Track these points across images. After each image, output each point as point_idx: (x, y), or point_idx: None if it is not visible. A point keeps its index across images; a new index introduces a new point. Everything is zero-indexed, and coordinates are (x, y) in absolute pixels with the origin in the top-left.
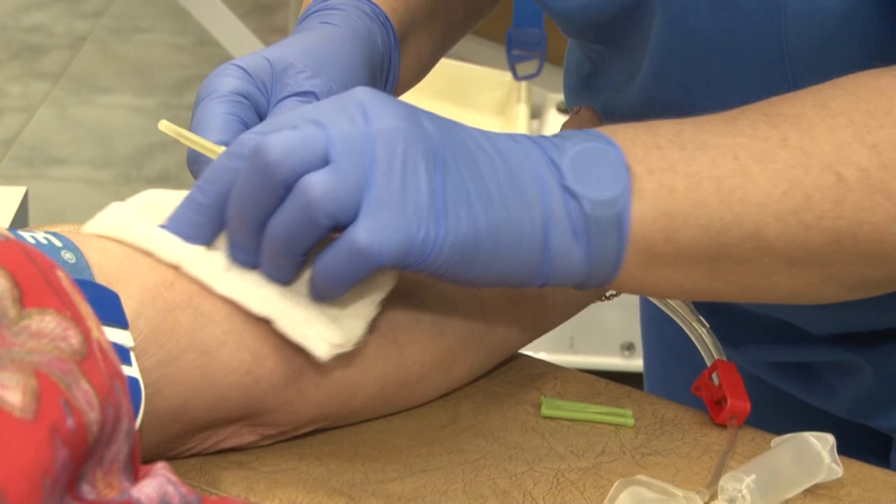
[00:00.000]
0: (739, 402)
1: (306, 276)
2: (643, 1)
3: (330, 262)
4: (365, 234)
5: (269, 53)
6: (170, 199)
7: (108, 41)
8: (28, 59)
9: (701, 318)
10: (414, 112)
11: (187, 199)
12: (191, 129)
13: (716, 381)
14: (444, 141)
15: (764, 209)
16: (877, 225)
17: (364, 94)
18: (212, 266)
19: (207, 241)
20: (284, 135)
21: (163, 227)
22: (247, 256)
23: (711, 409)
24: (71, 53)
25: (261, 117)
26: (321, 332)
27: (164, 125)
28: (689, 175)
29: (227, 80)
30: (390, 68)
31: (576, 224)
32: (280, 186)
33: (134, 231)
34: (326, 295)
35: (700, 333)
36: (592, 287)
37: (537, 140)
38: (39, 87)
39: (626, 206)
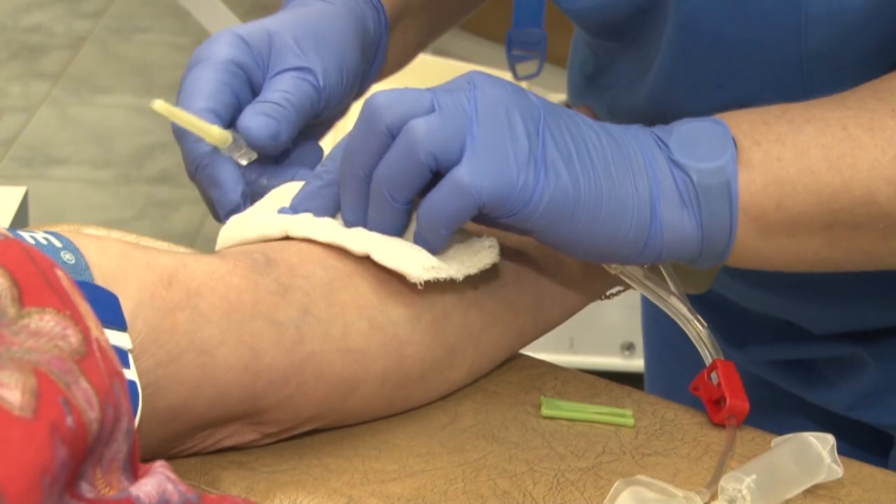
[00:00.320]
0: (738, 402)
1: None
2: (657, 1)
3: (434, 199)
4: (467, 172)
5: (269, 24)
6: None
7: (108, 41)
8: (28, 59)
9: (699, 317)
10: (520, 88)
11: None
12: (180, 93)
13: (714, 380)
14: (549, 111)
15: (874, 174)
16: None
17: (473, 73)
18: (314, 224)
19: (331, 212)
20: (391, 90)
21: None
22: (355, 214)
23: (710, 409)
24: (71, 53)
25: (254, 88)
26: (416, 256)
27: (159, 104)
28: (796, 144)
29: (224, 48)
30: (377, 53)
31: (684, 193)
32: (386, 134)
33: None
34: (430, 236)
35: (698, 333)
36: (710, 262)
37: (643, 125)
38: (39, 87)
39: (734, 174)
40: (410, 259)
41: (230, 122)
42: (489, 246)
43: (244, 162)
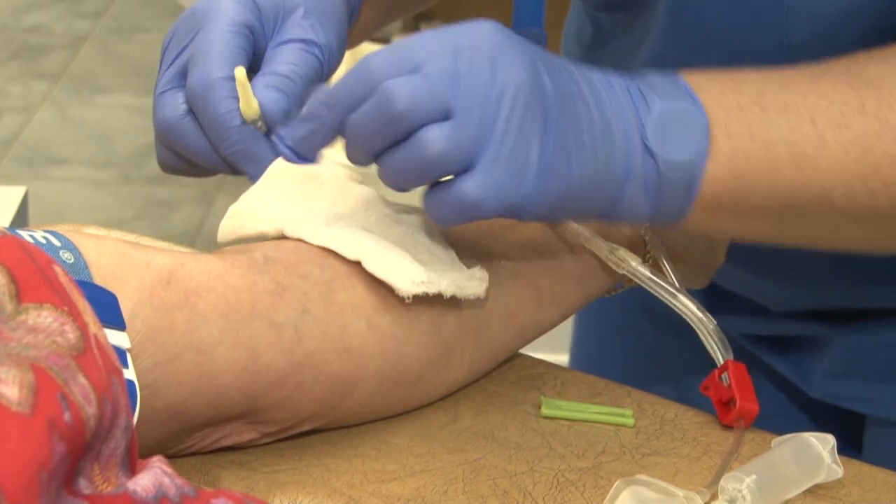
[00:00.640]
0: (748, 404)
1: (398, 227)
2: None
3: (436, 207)
4: (478, 189)
5: None
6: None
7: (108, 41)
8: (28, 59)
9: (709, 315)
10: (534, 59)
11: (308, 114)
12: (191, 49)
13: (725, 381)
14: (557, 95)
15: (833, 174)
16: None
17: (492, 35)
18: (309, 224)
19: (317, 155)
20: (412, 84)
21: (281, 132)
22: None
23: (719, 410)
24: (71, 53)
25: (257, 53)
26: (407, 268)
27: (239, 72)
28: (765, 140)
29: (235, 7)
30: (349, 24)
31: (649, 182)
32: (402, 131)
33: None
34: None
35: (709, 331)
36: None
37: (629, 87)
38: (39, 87)
39: (700, 170)
40: (401, 271)
41: None
42: (479, 278)
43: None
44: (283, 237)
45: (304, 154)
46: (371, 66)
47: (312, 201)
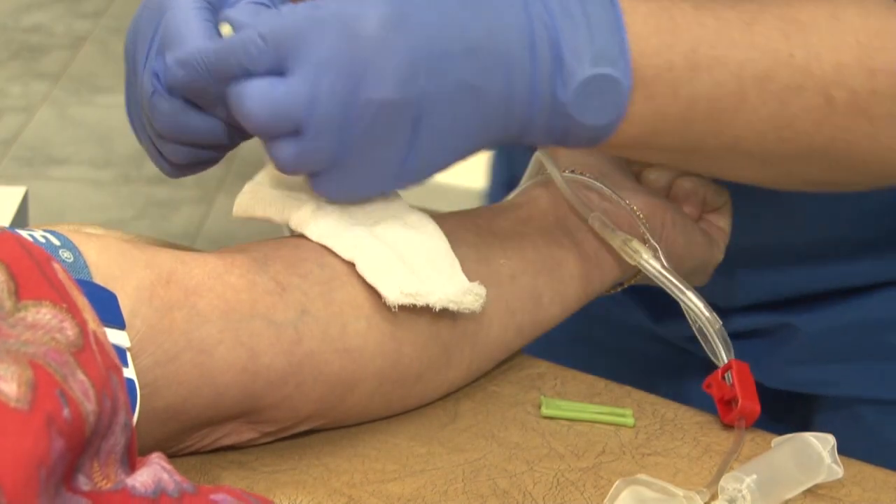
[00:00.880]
0: (750, 404)
1: (403, 231)
2: None
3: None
4: (329, 187)
5: None
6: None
7: (108, 41)
8: (28, 59)
9: (715, 315)
10: (414, 60)
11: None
12: (160, 37)
13: (728, 380)
14: (431, 99)
15: (747, 127)
16: (852, 142)
17: (375, 31)
18: (302, 217)
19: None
20: (266, 97)
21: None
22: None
23: (721, 409)
24: (71, 53)
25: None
26: (397, 276)
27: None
28: (687, 100)
29: None
30: None
31: (549, 132)
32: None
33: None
34: None
35: (714, 330)
36: None
37: (554, 41)
38: (39, 87)
39: (611, 131)
40: (391, 279)
41: None
42: (476, 293)
43: None
44: (287, 226)
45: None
46: (237, 54)
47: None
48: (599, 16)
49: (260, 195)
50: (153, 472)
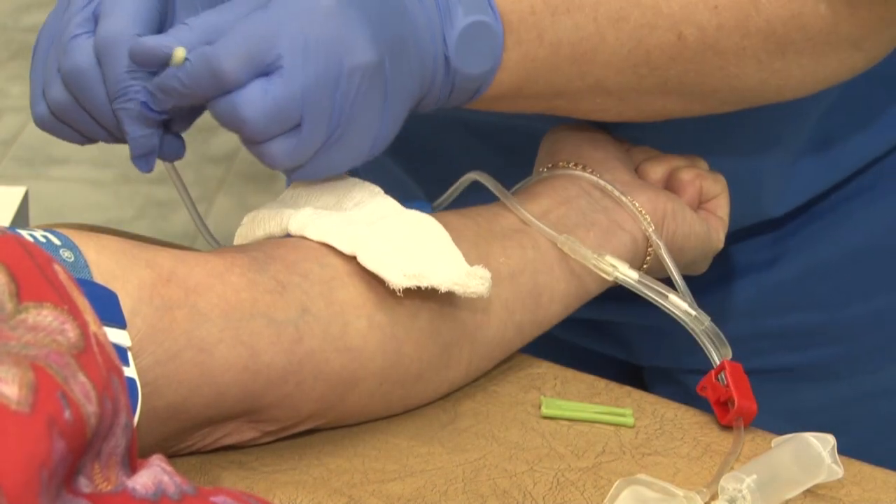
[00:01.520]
0: (747, 403)
1: (403, 227)
2: None
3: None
4: (307, 173)
5: None
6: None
7: None
8: (28, 59)
9: (703, 313)
10: (375, 33)
11: (163, 86)
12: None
13: (722, 381)
14: (392, 60)
15: (608, 66)
16: (701, 74)
17: (333, 16)
18: (301, 220)
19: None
20: (263, 101)
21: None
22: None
23: (717, 410)
24: None
25: None
26: (399, 261)
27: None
28: (552, 43)
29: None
30: None
31: (443, 90)
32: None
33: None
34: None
35: (704, 330)
36: None
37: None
38: None
39: (490, 79)
40: (393, 264)
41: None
42: (481, 276)
43: None
44: (287, 235)
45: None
46: (223, 70)
47: (320, 199)
48: None
49: (257, 218)
50: (154, 474)
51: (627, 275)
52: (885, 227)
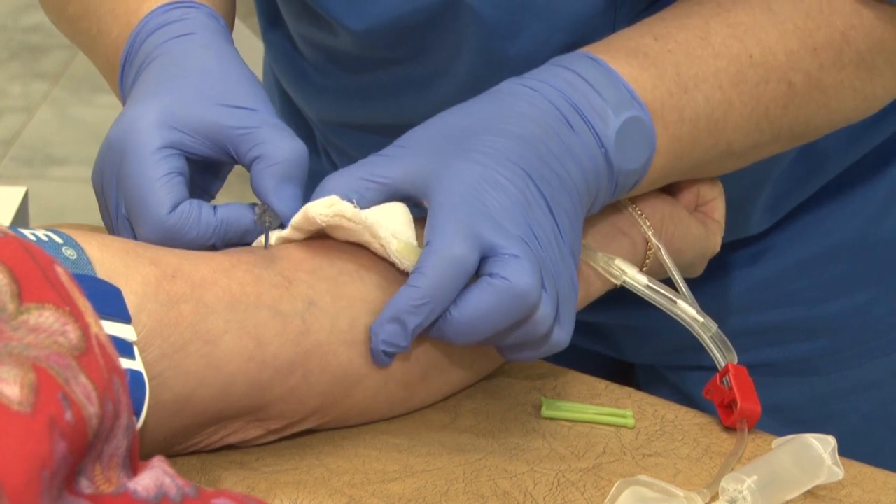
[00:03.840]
0: (750, 406)
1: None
2: (450, 5)
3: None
4: (563, 334)
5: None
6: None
7: None
8: (28, 59)
9: (709, 318)
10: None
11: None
12: (124, 192)
13: (726, 384)
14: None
15: (737, 129)
16: (808, 116)
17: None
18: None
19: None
20: (531, 280)
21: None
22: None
23: (721, 413)
24: (71, 53)
25: (190, 153)
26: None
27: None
28: (691, 120)
29: (151, 134)
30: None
31: (605, 191)
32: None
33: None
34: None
35: (710, 335)
36: None
37: (580, 107)
38: (39, 87)
39: (647, 168)
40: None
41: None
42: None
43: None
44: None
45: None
46: (528, 301)
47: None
48: (594, 76)
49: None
50: (155, 476)
51: (636, 279)
52: (864, 223)
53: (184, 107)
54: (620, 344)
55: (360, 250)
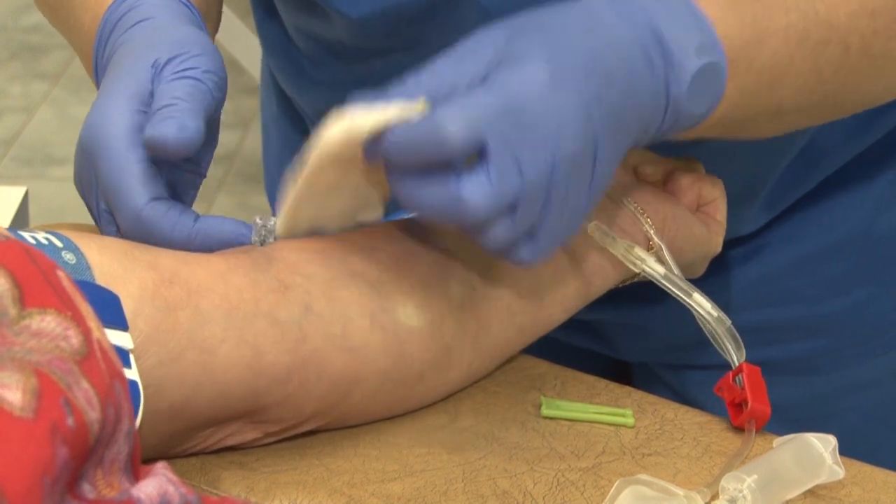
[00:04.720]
0: (761, 407)
1: None
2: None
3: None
4: (532, 254)
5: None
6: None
7: None
8: (28, 59)
9: (724, 315)
10: (588, 105)
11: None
12: (101, 185)
13: (739, 383)
14: (602, 134)
15: (791, 88)
16: (859, 83)
17: (548, 95)
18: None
19: None
20: (483, 191)
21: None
22: None
23: (731, 411)
24: (71, 53)
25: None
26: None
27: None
28: (757, 71)
29: (119, 123)
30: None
31: (660, 128)
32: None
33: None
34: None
35: (723, 331)
36: None
37: (661, 40)
38: (39, 87)
39: (708, 114)
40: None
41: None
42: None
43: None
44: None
45: None
46: (438, 145)
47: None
48: (680, 10)
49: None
50: (158, 484)
51: (654, 268)
52: (863, 220)
53: (141, 83)
54: (615, 342)
55: (353, 252)
